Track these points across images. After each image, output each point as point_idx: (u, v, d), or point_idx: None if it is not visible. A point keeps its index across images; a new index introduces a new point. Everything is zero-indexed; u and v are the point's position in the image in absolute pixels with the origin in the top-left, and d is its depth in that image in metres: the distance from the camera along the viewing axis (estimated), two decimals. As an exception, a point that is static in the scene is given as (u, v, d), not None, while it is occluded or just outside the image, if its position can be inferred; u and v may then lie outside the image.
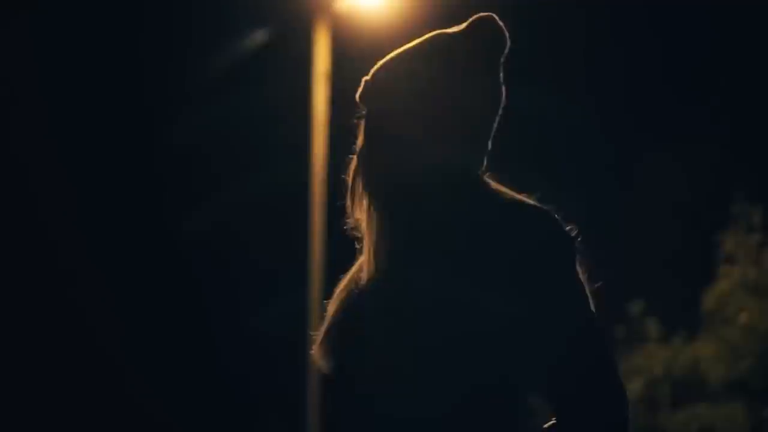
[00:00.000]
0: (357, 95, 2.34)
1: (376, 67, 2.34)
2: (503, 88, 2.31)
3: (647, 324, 14.55)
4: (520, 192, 2.25)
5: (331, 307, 2.31)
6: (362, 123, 2.33)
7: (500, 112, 2.31)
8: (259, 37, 12.48)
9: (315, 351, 2.30)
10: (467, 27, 2.31)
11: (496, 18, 2.31)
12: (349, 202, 2.32)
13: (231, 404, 16.68)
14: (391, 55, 2.33)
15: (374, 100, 2.31)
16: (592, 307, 2.17)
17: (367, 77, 2.34)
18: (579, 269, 2.18)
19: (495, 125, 2.30)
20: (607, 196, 15.76)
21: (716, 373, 13.78)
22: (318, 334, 2.30)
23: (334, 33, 11.57)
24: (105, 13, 15.94)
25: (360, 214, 2.31)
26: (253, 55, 12.90)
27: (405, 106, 2.27)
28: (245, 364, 16.06)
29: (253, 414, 16.47)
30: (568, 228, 2.20)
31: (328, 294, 2.36)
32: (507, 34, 2.31)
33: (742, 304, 13.79)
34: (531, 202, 2.21)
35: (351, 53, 11.68)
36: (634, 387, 14.23)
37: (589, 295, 2.18)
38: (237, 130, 16.08)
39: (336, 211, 2.38)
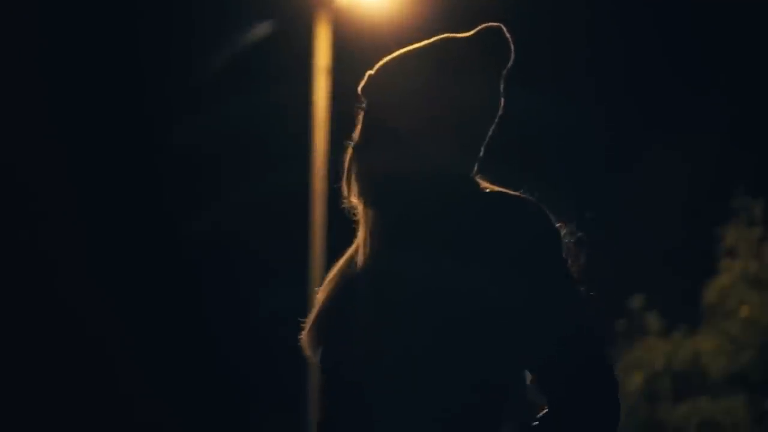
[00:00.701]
0: (359, 87, 2.39)
1: (381, 62, 2.39)
2: (501, 98, 2.35)
3: (648, 318, 14.56)
4: (512, 190, 2.28)
5: (321, 294, 2.34)
6: (361, 115, 2.38)
7: (496, 120, 2.36)
8: (259, 31, 12.47)
9: (303, 338, 2.33)
10: (474, 34, 2.36)
11: (504, 29, 2.36)
12: (344, 187, 2.37)
13: (231, 402, 16.67)
14: (398, 52, 2.38)
15: (375, 93, 2.36)
16: (581, 299, 2.20)
17: (371, 71, 2.39)
18: (567, 262, 2.22)
19: (489, 132, 2.35)
20: (608, 190, 15.76)
21: (717, 367, 13.80)
22: (306, 322, 2.33)
23: (335, 27, 11.57)
24: (105, 9, 15.94)
25: (355, 200, 2.35)
26: (254, 50, 12.90)
27: (403, 102, 2.32)
28: (246, 363, 16.05)
29: (253, 412, 16.46)
30: (557, 224, 2.24)
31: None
32: (512, 46, 2.36)
33: (743, 297, 13.81)
34: (521, 196, 2.24)
35: (352, 47, 11.68)
36: (635, 381, 14.25)
37: (577, 287, 2.21)
38: (237, 124, 16.07)
39: (337, 205, 2.42)
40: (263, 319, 14.83)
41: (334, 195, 2.40)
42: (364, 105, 2.38)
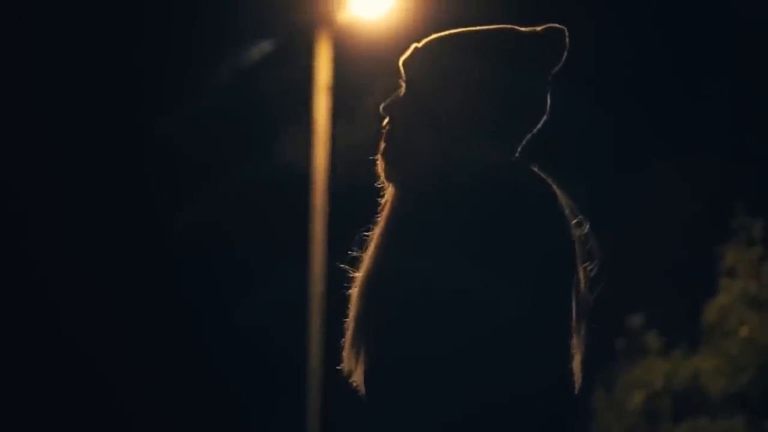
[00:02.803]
0: (402, 59, 2.31)
1: (432, 37, 2.31)
2: (548, 101, 2.30)
3: (648, 337, 14.54)
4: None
5: (352, 309, 2.21)
6: (402, 88, 2.30)
7: (539, 122, 2.30)
8: (260, 48, 12.49)
9: (344, 360, 2.21)
10: (538, 32, 2.30)
11: (566, 33, 2.32)
12: (378, 164, 2.29)
13: (229, 405, 16.59)
14: (454, 31, 2.30)
15: (417, 70, 2.29)
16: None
17: (418, 44, 2.31)
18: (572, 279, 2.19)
19: (529, 133, 2.29)
20: (607, 207, 15.76)
21: (716, 387, 13.77)
22: (344, 343, 2.21)
23: (336, 45, 11.59)
24: (106, 20, 15.95)
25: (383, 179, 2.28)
26: (255, 67, 12.92)
27: (447, 83, 2.25)
28: (242, 365, 15.96)
29: (252, 416, 16.38)
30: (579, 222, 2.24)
31: (330, 298, 2.35)
32: (566, 52, 2.32)
33: (743, 317, 13.80)
34: (550, 194, 2.19)
35: (353, 65, 11.70)
36: (634, 400, 14.23)
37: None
38: (237, 140, 16.08)
39: (337, 219, 2.40)
40: (260, 321, 14.79)
41: (334, 210, 2.39)
42: (404, 79, 2.29)
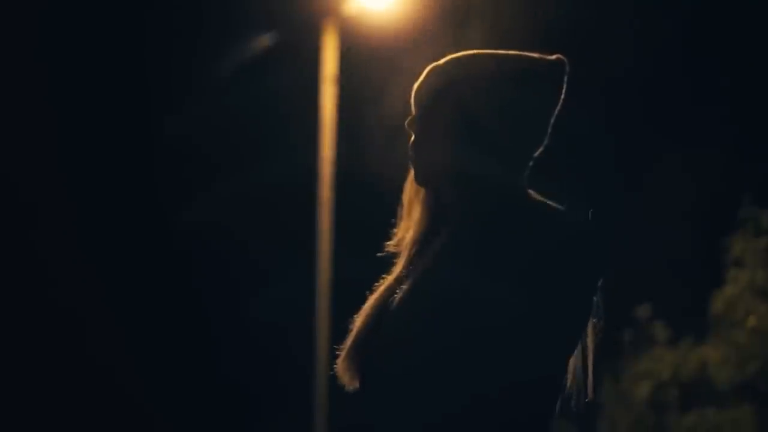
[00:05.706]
0: (415, 85, 2.31)
1: (440, 62, 2.31)
2: (549, 126, 2.35)
3: (655, 327, 14.55)
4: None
5: (358, 321, 2.25)
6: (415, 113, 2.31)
7: (542, 144, 2.36)
8: (267, 39, 12.49)
9: (338, 366, 2.23)
10: (550, 61, 2.36)
11: (569, 65, 2.38)
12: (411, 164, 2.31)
13: (235, 405, 16.62)
14: (474, 54, 2.30)
15: (426, 95, 2.29)
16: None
17: (440, 63, 2.31)
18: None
19: (534, 154, 2.34)
20: (613, 198, 15.75)
21: (724, 377, 13.77)
22: (342, 348, 2.24)
23: (342, 36, 11.59)
24: (111, 13, 15.95)
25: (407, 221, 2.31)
26: (261, 58, 12.92)
27: (449, 112, 2.26)
28: (249, 364, 15.99)
29: (258, 415, 16.42)
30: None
31: (333, 296, 2.36)
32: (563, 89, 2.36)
33: (751, 307, 13.79)
34: (568, 213, 2.26)
35: (359, 56, 11.71)
36: (642, 391, 14.25)
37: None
38: (244, 132, 16.09)
39: (342, 213, 2.41)
40: (267, 320, 14.80)
41: (340, 202, 2.38)
42: (414, 103, 2.30)
